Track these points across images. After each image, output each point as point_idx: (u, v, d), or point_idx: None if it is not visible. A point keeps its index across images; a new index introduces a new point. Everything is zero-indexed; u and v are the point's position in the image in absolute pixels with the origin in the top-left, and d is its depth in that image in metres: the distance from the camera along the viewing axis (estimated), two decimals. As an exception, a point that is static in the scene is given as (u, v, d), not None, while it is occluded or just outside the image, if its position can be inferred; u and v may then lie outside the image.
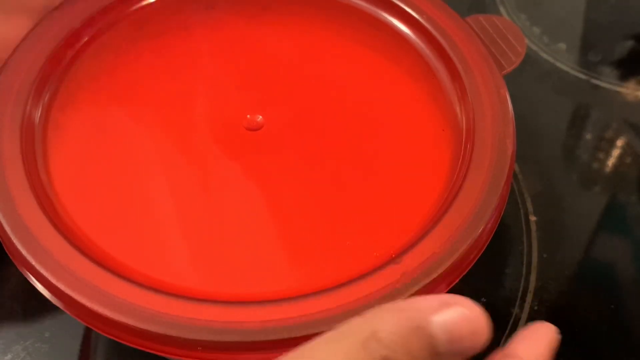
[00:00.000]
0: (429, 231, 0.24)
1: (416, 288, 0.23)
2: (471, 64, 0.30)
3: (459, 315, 0.17)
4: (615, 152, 0.43)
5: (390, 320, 0.17)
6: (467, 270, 0.25)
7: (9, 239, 0.24)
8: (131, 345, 0.22)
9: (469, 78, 0.29)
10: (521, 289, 0.36)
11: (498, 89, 0.29)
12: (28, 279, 0.24)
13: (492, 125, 0.28)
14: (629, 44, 0.49)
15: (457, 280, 0.24)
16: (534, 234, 0.38)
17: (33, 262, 0.23)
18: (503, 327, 0.34)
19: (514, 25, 0.32)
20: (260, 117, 0.29)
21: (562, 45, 0.48)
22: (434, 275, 0.23)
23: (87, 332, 0.33)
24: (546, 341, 0.22)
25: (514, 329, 0.34)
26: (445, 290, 0.24)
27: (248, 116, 0.29)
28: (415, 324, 0.17)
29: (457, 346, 0.17)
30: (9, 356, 0.32)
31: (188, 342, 0.22)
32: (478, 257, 0.25)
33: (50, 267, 0.23)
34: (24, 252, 0.23)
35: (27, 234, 0.24)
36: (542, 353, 0.21)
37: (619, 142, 0.43)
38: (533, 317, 0.35)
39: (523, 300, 0.35)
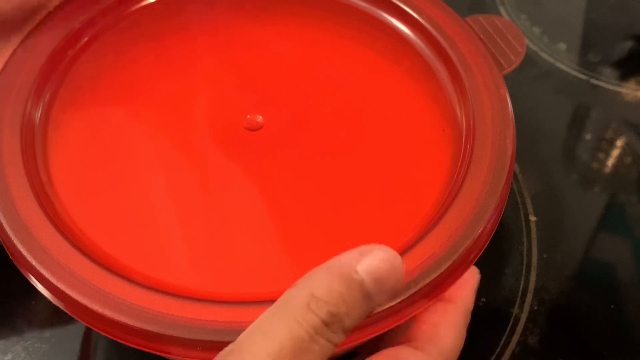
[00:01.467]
0: (428, 231, 0.24)
1: (416, 288, 0.23)
2: (471, 63, 0.30)
3: (378, 258, 0.20)
4: (615, 152, 0.43)
5: (323, 280, 0.19)
6: (466, 271, 0.25)
7: (9, 238, 0.24)
8: (131, 345, 0.22)
9: (469, 78, 0.29)
10: (521, 288, 0.36)
11: (498, 89, 0.29)
12: (28, 278, 0.24)
13: (492, 125, 0.28)
14: (629, 44, 0.49)
15: (457, 280, 0.24)
16: (533, 234, 0.38)
17: (33, 262, 0.23)
18: (503, 327, 0.34)
19: (514, 25, 0.32)
20: (261, 117, 0.29)
21: (562, 46, 0.48)
22: (434, 276, 0.23)
23: (87, 332, 0.33)
24: (471, 283, 0.25)
25: (513, 328, 0.34)
26: (446, 290, 0.24)
27: (248, 116, 0.29)
28: (344, 277, 0.19)
29: (382, 284, 0.20)
30: (9, 356, 0.32)
31: (188, 342, 0.22)
32: (478, 257, 0.25)
33: (50, 267, 0.23)
34: (23, 252, 0.23)
35: (27, 233, 0.24)
36: (468, 294, 0.25)
37: (619, 142, 0.43)
38: (533, 317, 0.35)
39: (523, 300, 0.35)
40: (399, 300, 0.23)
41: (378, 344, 0.25)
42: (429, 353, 0.23)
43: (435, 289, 0.24)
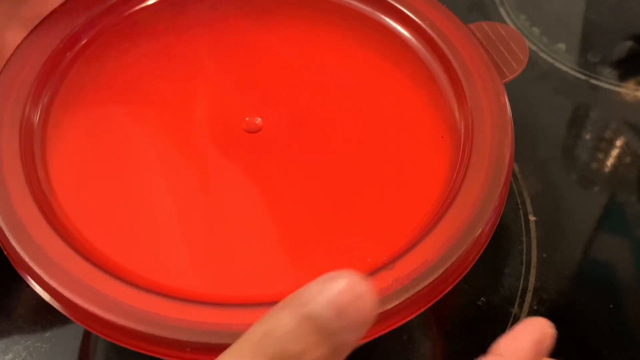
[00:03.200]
0: (422, 238, 0.24)
1: (408, 295, 0.23)
2: (472, 71, 0.30)
3: (341, 287, 0.17)
4: (615, 152, 0.43)
5: (280, 316, 0.17)
6: (460, 278, 0.24)
7: (7, 239, 0.24)
8: (130, 348, 0.22)
9: (470, 85, 0.29)
10: (520, 288, 0.36)
11: (498, 97, 0.29)
12: (25, 279, 0.24)
13: (490, 133, 0.27)
14: (628, 44, 0.49)
15: (450, 288, 0.24)
16: (533, 234, 0.38)
17: (30, 263, 0.23)
18: (502, 326, 0.34)
19: (518, 33, 0.32)
20: (259, 119, 0.29)
21: (562, 46, 0.48)
22: (426, 283, 0.23)
23: (88, 332, 0.33)
24: (531, 337, 0.22)
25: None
26: (439, 297, 0.24)
27: (247, 118, 0.29)
28: (303, 312, 0.17)
29: (346, 318, 0.17)
30: (10, 355, 0.32)
31: (182, 344, 0.22)
32: (473, 264, 0.25)
33: (47, 268, 0.23)
34: (20, 252, 0.23)
35: (25, 234, 0.24)
36: (525, 348, 0.22)
37: (618, 142, 0.43)
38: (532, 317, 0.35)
39: (522, 299, 0.35)
40: (392, 306, 0.23)
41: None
42: None
43: (427, 295, 0.23)
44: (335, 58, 0.32)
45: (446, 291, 0.24)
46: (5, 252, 0.24)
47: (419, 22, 0.32)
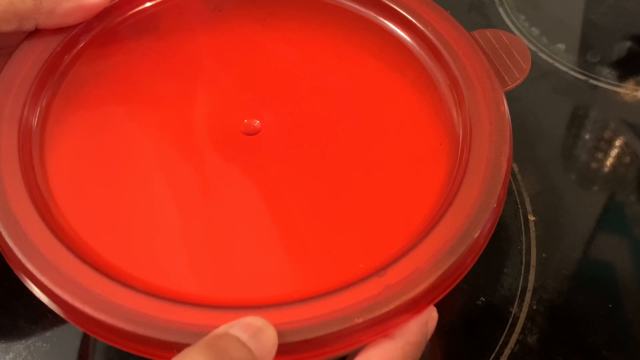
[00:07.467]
0: (415, 245, 0.24)
1: (398, 302, 0.23)
2: (473, 78, 0.29)
3: (248, 319, 0.21)
4: (614, 152, 0.43)
5: (199, 342, 0.21)
6: (453, 286, 0.24)
7: (3, 240, 0.24)
8: (131, 351, 0.22)
9: (470, 92, 0.29)
10: (520, 288, 0.36)
11: (498, 105, 0.28)
12: (22, 280, 0.24)
13: (489, 141, 0.27)
14: (628, 44, 0.49)
15: (441, 296, 0.24)
16: (532, 234, 0.38)
17: (27, 264, 0.23)
18: (502, 326, 0.35)
19: (521, 41, 0.32)
20: (258, 122, 0.29)
21: (561, 46, 0.48)
22: (417, 290, 0.23)
23: (88, 332, 0.33)
24: (418, 318, 0.24)
25: (512, 328, 0.34)
26: (435, 302, 0.24)
27: (245, 121, 0.29)
28: (221, 335, 0.21)
29: (259, 339, 0.21)
30: (11, 355, 0.32)
31: (182, 348, 0.22)
32: (466, 273, 0.25)
33: (43, 270, 0.23)
34: (17, 253, 0.23)
35: (22, 235, 0.24)
36: (411, 329, 0.24)
37: (618, 142, 0.43)
38: (532, 316, 0.35)
39: (522, 299, 0.36)
40: (383, 312, 0.23)
41: None
42: None
43: (418, 303, 0.23)
44: (335, 62, 0.32)
45: (443, 295, 0.24)
46: (2, 253, 0.24)
47: (422, 28, 0.31)
